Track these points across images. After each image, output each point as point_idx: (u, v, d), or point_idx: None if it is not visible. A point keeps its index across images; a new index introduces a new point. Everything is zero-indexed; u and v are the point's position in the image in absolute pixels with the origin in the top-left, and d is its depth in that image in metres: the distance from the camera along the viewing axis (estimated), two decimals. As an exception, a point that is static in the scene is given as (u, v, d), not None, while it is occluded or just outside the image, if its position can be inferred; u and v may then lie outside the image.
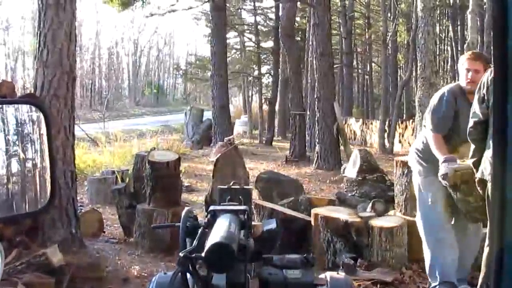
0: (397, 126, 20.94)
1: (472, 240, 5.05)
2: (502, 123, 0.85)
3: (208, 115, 21.94)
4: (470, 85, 4.72)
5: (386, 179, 8.62)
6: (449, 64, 30.48)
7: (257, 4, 32.04)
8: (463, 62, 4.87)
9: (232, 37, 33.58)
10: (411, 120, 20.33)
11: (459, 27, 27.03)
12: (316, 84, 15.08)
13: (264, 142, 23.07)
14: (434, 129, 4.92)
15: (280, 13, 21.08)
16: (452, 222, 4.95)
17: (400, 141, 21.19)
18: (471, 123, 4.15)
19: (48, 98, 6.02)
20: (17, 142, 1.39)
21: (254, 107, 32.16)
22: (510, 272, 0.88)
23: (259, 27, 32.03)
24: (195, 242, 1.95)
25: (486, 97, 4.03)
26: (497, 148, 0.88)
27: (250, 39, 33.90)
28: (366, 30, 32.56)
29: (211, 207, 2.17)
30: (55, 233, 6.03)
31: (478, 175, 4.13)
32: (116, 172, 10.29)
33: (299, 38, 26.86)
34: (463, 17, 23.79)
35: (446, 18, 29.67)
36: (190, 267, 1.86)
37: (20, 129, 1.40)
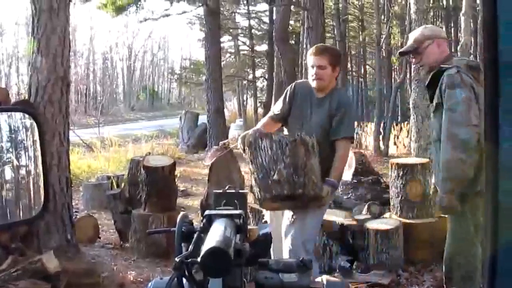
0: (392, 128, 20.98)
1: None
2: (493, 128, 0.85)
3: (203, 119, 21.91)
4: (316, 82, 4.44)
5: (381, 182, 8.63)
6: (443, 66, 30.52)
7: (251, 8, 32.07)
8: (308, 58, 4.58)
9: (226, 41, 33.62)
10: (405, 122, 20.38)
11: (452, 29, 27.12)
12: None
13: (259, 145, 23.00)
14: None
15: (274, 17, 21.14)
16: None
17: (395, 143, 21.24)
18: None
19: (42, 103, 6.01)
20: (10, 149, 1.39)
21: (249, 110, 32.20)
22: (503, 274, 0.89)
23: (253, 30, 32.07)
24: (190, 247, 1.95)
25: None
26: (489, 152, 0.88)
27: (244, 43, 33.94)
28: (360, 32, 32.62)
29: (207, 212, 2.17)
30: (51, 239, 6.02)
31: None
32: (111, 177, 10.28)
33: (293, 42, 26.88)
34: (457, 19, 23.88)
35: (440, 20, 29.77)
36: (186, 272, 1.86)
37: (13, 136, 1.40)
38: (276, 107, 4.75)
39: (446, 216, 4.32)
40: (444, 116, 3.84)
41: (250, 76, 32.12)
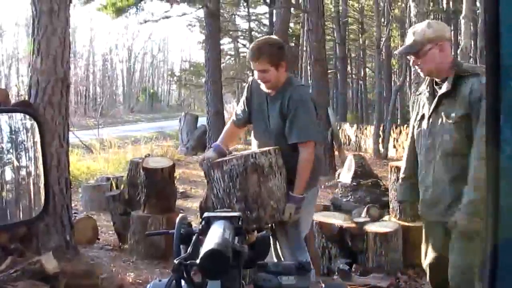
0: (391, 131, 21.00)
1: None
2: (495, 131, 0.86)
3: (202, 121, 21.91)
4: (264, 85, 4.15)
5: (380, 184, 8.63)
6: (442, 69, 30.56)
7: (251, 10, 32.11)
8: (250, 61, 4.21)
9: (226, 43, 33.70)
10: (405, 125, 20.39)
11: (452, 32, 27.13)
12: (310, 89, 15.11)
13: (258, 148, 23.00)
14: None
15: (274, 19, 21.12)
16: None
17: (394, 146, 21.24)
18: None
19: (42, 105, 6.01)
20: (11, 150, 1.39)
21: (249, 113, 32.12)
22: (504, 276, 0.89)
23: (253, 33, 32.08)
24: (189, 249, 1.95)
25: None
26: (490, 155, 0.89)
27: (244, 45, 33.98)
28: (360, 35, 32.66)
29: (206, 214, 2.17)
30: (50, 240, 6.01)
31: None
32: (110, 178, 10.28)
33: (293, 44, 26.92)
34: (457, 22, 23.90)
35: (440, 23, 29.76)
36: (184, 274, 1.86)
37: (14, 137, 1.40)
38: (238, 109, 4.49)
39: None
40: (482, 130, 3.27)
41: (250, 79, 32.13)
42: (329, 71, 20.77)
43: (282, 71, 4.15)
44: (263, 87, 4.18)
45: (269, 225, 4.05)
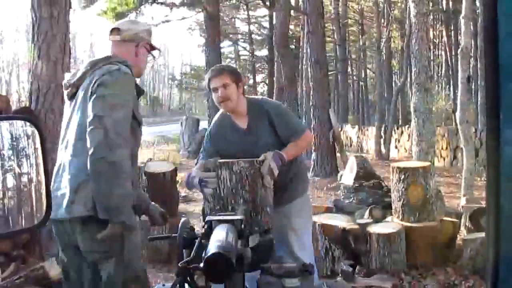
0: (393, 132, 20.99)
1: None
2: (495, 131, 0.86)
3: (204, 124, 21.92)
4: (224, 104, 4.12)
5: (382, 185, 8.61)
6: (443, 69, 30.62)
7: (250, 13, 32.14)
8: (209, 83, 4.21)
9: (226, 46, 33.71)
10: (406, 126, 20.40)
11: (452, 32, 27.15)
12: (311, 91, 15.11)
13: (260, 150, 23.00)
14: None
15: (274, 22, 21.15)
16: None
17: (396, 147, 21.24)
18: None
19: (43, 111, 6.01)
20: (12, 157, 1.39)
21: (250, 115, 32.14)
22: (505, 281, 0.89)
23: (253, 36, 32.15)
24: (193, 253, 1.95)
25: None
26: (491, 157, 0.88)
27: (245, 48, 34.04)
28: (360, 36, 32.66)
29: (208, 217, 2.17)
30: (52, 246, 6.00)
31: None
32: (112, 183, 10.26)
33: (293, 46, 26.93)
34: (457, 22, 23.90)
35: (440, 23, 29.80)
36: (188, 277, 1.86)
37: (15, 143, 1.40)
38: (202, 155, 4.31)
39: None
40: None
41: (251, 81, 32.14)
42: (329, 73, 20.77)
43: (241, 92, 4.14)
44: (222, 109, 4.22)
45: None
